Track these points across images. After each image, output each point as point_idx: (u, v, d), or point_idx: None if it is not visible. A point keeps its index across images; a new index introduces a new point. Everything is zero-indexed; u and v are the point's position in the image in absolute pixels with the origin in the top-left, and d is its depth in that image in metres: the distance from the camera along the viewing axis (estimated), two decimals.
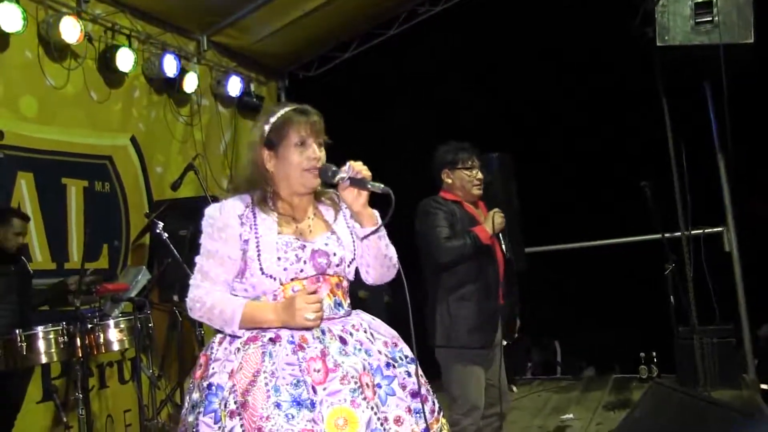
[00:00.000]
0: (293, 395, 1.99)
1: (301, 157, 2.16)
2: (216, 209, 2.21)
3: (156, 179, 6.19)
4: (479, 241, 3.46)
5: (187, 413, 2.15)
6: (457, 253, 3.46)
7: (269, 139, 2.19)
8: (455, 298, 3.51)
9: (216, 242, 2.16)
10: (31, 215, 4.80)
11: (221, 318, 2.13)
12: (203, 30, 6.70)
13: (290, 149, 2.17)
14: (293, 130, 2.16)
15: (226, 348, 2.13)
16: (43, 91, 5.18)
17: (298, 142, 2.17)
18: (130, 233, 5.82)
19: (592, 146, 7.27)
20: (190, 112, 6.69)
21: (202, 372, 2.15)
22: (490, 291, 3.54)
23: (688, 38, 4.83)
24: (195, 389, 2.16)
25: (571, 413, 5.39)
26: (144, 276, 5.17)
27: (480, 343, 3.48)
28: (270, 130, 2.19)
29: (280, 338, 2.09)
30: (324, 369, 2.05)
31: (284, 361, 2.05)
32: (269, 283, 2.14)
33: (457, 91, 7.39)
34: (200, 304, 2.16)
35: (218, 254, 2.15)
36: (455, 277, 3.53)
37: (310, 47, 7.57)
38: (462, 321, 3.49)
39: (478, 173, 3.66)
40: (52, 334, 4.05)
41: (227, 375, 2.07)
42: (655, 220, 5.45)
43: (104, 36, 5.65)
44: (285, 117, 2.19)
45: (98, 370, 5.31)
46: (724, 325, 5.62)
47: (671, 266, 5.40)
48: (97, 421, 4.93)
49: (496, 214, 3.55)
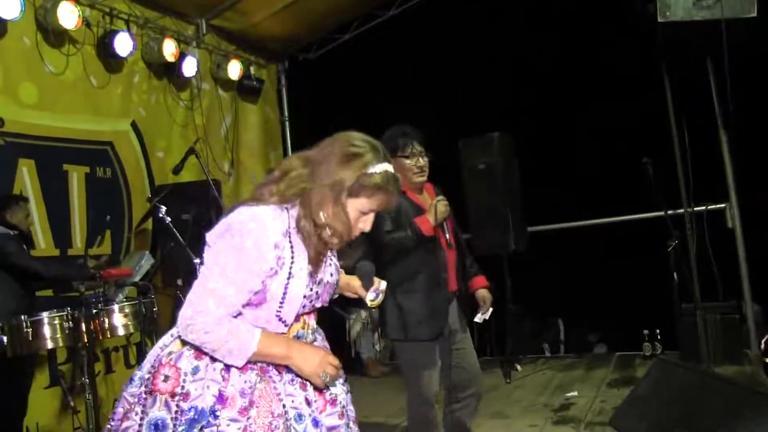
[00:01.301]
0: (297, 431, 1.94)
1: (358, 222, 1.99)
2: (253, 224, 1.89)
3: (157, 164, 6.19)
4: (421, 233, 3.40)
5: (144, 431, 1.88)
6: (398, 246, 3.41)
7: (352, 188, 1.93)
8: (402, 291, 3.48)
9: (244, 272, 1.87)
10: (33, 202, 4.82)
11: (231, 350, 1.87)
12: (202, 14, 6.68)
13: (356, 211, 1.96)
14: (376, 199, 1.96)
15: (208, 365, 1.91)
16: (42, 77, 5.17)
17: (367, 210, 1.98)
18: (133, 218, 5.84)
19: (594, 124, 7.25)
20: (191, 96, 6.67)
21: (172, 387, 1.89)
22: (437, 281, 3.50)
23: (690, 14, 4.79)
24: (157, 404, 1.89)
25: (576, 391, 5.42)
26: (147, 261, 5.19)
27: (429, 334, 3.46)
28: (357, 180, 1.93)
29: (282, 370, 1.98)
30: (323, 401, 2.03)
31: (285, 392, 1.97)
32: (276, 326, 1.97)
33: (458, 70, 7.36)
34: (210, 335, 1.86)
35: (244, 285, 1.88)
36: (401, 270, 3.47)
37: (310, 29, 7.54)
38: (410, 313, 3.47)
39: (420, 160, 3.52)
40: (57, 319, 4.08)
41: (212, 398, 1.87)
42: (657, 197, 5.44)
43: (102, 21, 5.64)
44: (379, 182, 1.94)
45: (104, 355, 5.35)
46: (727, 302, 5.63)
47: (674, 243, 5.39)
48: (104, 405, 4.96)
49: (439, 203, 3.46)
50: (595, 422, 4.60)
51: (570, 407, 5.04)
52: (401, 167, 3.51)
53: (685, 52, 5.42)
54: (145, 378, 1.94)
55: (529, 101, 7.64)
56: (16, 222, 4.46)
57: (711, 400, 3.60)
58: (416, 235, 3.40)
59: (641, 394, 4.27)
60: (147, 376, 1.95)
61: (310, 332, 2.08)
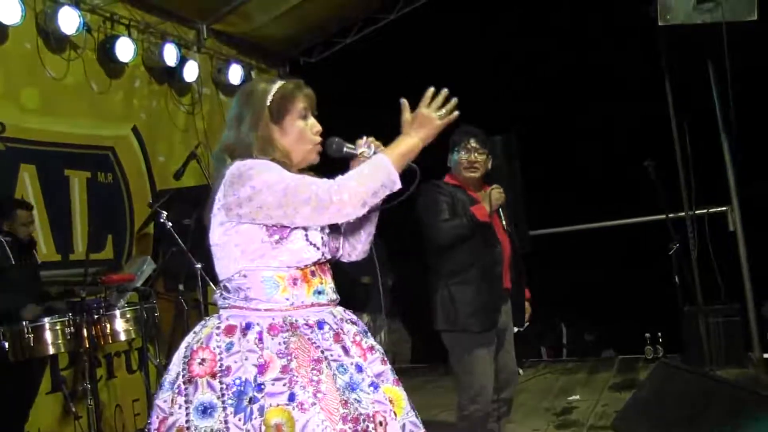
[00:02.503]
0: (345, 381, 1.92)
1: (306, 130, 2.08)
2: (256, 162, 1.98)
3: (158, 169, 6.19)
4: (476, 219, 3.42)
5: (191, 419, 1.86)
6: (455, 232, 3.43)
7: (271, 112, 2.05)
8: (456, 282, 3.48)
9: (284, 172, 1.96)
10: (34, 207, 4.80)
11: (378, 182, 1.92)
12: (203, 18, 6.67)
13: (295, 122, 2.07)
14: (296, 102, 2.07)
15: (241, 339, 1.91)
16: (43, 82, 5.17)
17: (302, 115, 2.08)
18: (134, 223, 5.83)
19: (595, 127, 7.25)
20: (192, 100, 6.67)
21: (210, 368, 1.89)
22: (492, 273, 3.50)
23: (690, 17, 4.80)
24: (200, 388, 1.88)
25: (578, 395, 5.41)
26: (149, 266, 5.18)
27: (480, 326, 3.44)
28: (272, 102, 2.05)
29: (315, 324, 1.99)
30: (361, 351, 2.02)
31: (323, 347, 1.96)
32: (311, 252, 1.99)
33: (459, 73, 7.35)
34: (343, 186, 1.91)
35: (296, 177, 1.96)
36: (455, 260, 3.49)
37: (311, 33, 7.55)
38: (463, 305, 3.46)
39: (472, 156, 3.58)
40: (58, 325, 4.07)
41: (254, 368, 1.86)
42: (659, 200, 5.44)
43: (103, 26, 5.64)
44: (285, 89, 2.08)
45: (106, 361, 5.34)
46: (730, 304, 5.62)
47: (675, 246, 5.39)
48: (105, 410, 4.96)
49: (494, 190, 3.51)
50: (597, 426, 4.59)
51: (572, 411, 5.04)
52: (457, 162, 3.57)
53: (686, 55, 5.42)
54: (181, 373, 1.94)
55: (531, 104, 7.63)
56: (8, 229, 4.37)
57: (713, 403, 3.59)
58: (471, 221, 3.41)
59: (643, 398, 4.25)
60: (180, 370, 1.94)
61: (330, 290, 2.09)
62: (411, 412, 2.00)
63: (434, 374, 6.66)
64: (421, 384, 6.37)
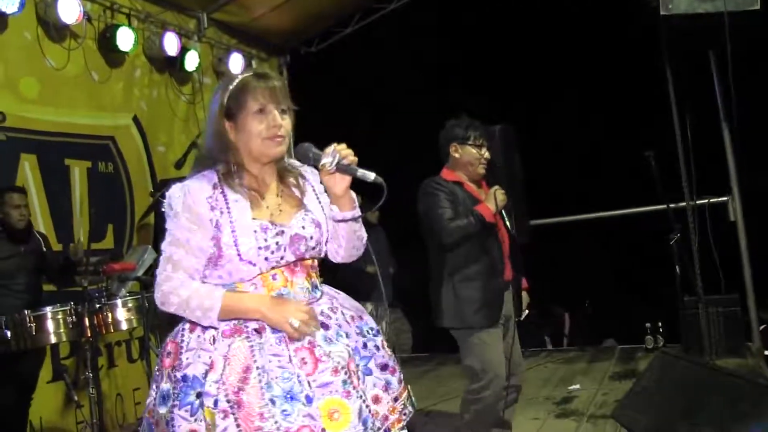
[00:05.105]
0: (284, 389, 1.91)
1: (261, 126, 2.03)
2: (180, 192, 2.04)
3: (159, 158, 6.19)
4: (483, 220, 3.45)
5: (156, 404, 2.02)
6: (461, 233, 3.45)
7: (228, 108, 2.05)
8: (460, 279, 3.51)
9: (185, 231, 2.01)
10: (35, 197, 4.81)
11: (198, 310, 1.99)
12: (203, 7, 6.66)
13: (249, 118, 2.03)
14: (251, 97, 2.03)
15: (200, 336, 2.02)
16: (43, 72, 5.17)
17: (258, 110, 2.03)
18: (135, 212, 5.84)
19: (596, 117, 7.25)
20: (192, 90, 6.67)
21: (173, 361, 2.03)
22: (495, 269, 3.53)
23: (692, 6, 4.78)
24: (164, 378, 2.03)
25: (578, 384, 5.43)
26: (150, 255, 5.18)
27: (486, 322, 3.48)
28: (228, 98, 2.04)
29: (265, 329, 2.00)
30: (313, 359, 1.98)
31: (270, 352, 1.97)
32: (248, 269, 2.01)
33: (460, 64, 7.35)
34: (176, 297, 2.00)
35: (189, 244, 2.01)
36: (459, 257, 3.51)
37: (312, 22, 7.51)
38: (468, 302, 3.49)
39: (486, 153, 3.62)
40: (60, 314, 4.09)
41: (204, 366, 1.96)
42: (659, 190, 5.43)
43: (103, 15, 5.63)
44: (242, 83, 2.05)
45: (107, 350, 5.36)
46: (730, 295, 5.63)
47: (676, 236, 5.39)
48: (107, 399, 4.98)
49: (498, 192, 3.51)
50: (597, 415, 4.61)
51: (572, 400, 5.05)
52: (470, 156, 3.60)
53: (687, 44, 5.40)
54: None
55: (531, 94, 7.63)
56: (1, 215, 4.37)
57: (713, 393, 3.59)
58: (478, 221, 3.43)
59: (643, 387, 4.26)
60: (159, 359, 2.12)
61: (300, 290, 2.08)
62: (359, 426, 1.96)
63: (434, 363, 6.69)
64: (422, 373, 6.40)
